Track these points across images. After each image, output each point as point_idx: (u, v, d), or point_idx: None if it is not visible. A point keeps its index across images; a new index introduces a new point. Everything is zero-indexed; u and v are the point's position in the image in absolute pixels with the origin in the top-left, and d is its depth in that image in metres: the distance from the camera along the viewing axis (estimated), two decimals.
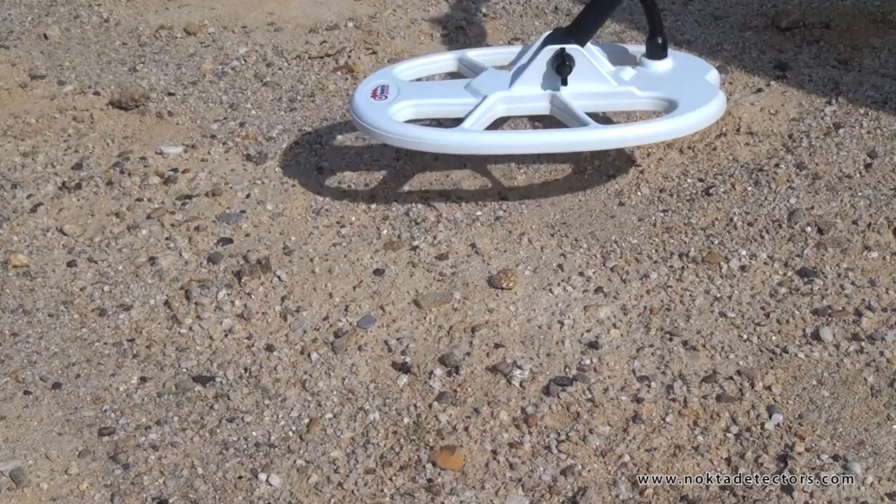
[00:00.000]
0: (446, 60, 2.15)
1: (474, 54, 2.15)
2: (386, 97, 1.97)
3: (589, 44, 1.98)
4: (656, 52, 2.02)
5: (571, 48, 1.93)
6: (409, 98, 1.98)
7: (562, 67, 1.92)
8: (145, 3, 2.94)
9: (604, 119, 2.19)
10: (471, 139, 1.90)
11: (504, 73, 2.01)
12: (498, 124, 2.08)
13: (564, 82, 1.94)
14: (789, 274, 1.83)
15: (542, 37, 1.99)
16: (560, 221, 2.01)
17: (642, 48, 2.06)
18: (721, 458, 1.51)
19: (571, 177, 2.13)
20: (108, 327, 1.81)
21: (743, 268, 1.85)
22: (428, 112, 2.01)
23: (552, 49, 1.94)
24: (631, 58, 2.09)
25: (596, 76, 1.96)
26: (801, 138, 2.19)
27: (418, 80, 2.14)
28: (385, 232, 1.99)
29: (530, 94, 1.98)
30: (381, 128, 1.91)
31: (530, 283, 1.85)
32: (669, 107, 1.93)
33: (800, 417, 1.56)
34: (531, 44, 2.06)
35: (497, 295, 1.83)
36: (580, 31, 1.97)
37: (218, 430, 1.60)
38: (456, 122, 1.97)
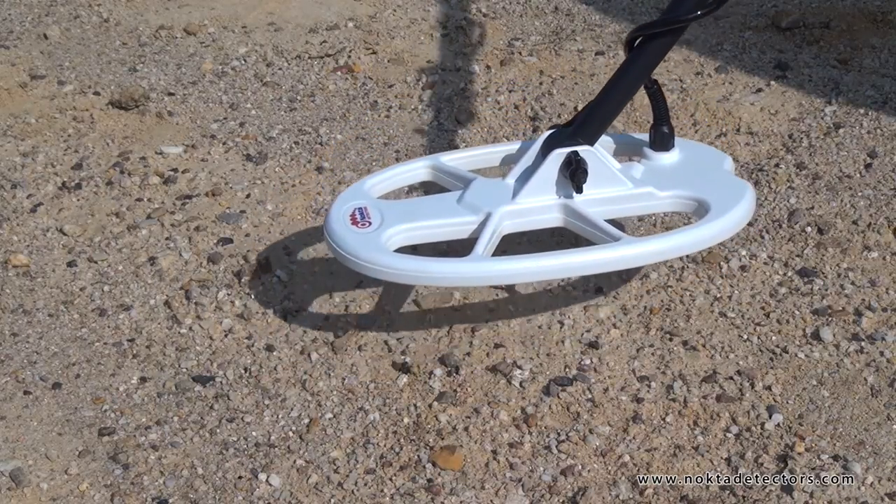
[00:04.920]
0: (419, 169, 1.84)
1: (449, 159, 1.84)
2: (370, 223, 1.67)
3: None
4: (663, 142, 1.78)
5: (584, 150, 1.67)
6: (398, 222, 1.67)
7: (577, 173, 1.65)
8: (145, 3, 2.94)
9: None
10: (487, 268, 1.61)
11: (500, 183, 1.72)
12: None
13: (580, 190, 1.67)
14: (789, 274, 1.83)
15: (539, 138, 1.74)
16: None
17: (642, 137, 1.83)
18: (721, 458, 1.51)
19: None
20: (108, 327, 1.81)
21: (743, 268, 1.85)
22: (423, 237, 1.70)
23: (562, 154, 1.67)
24: (630, 148, 1.86)
25: (611, 179, 1.69)
26: (801, 138, 2.19)
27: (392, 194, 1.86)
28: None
29: (540, 205, 1.69)
30: (374, 262, 1.60)
31: (530, 283, 1.85)
32: (698, 206, 1.69)
33: (800, 417, 1.56)
34: (515, 142, 1.86)
35: (497, 295, 1.83)
36: (589, 128, 1.70)
37: (218, 430, 1.60)
38: (452, 243, 1.76)
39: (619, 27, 2.68)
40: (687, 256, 1.88)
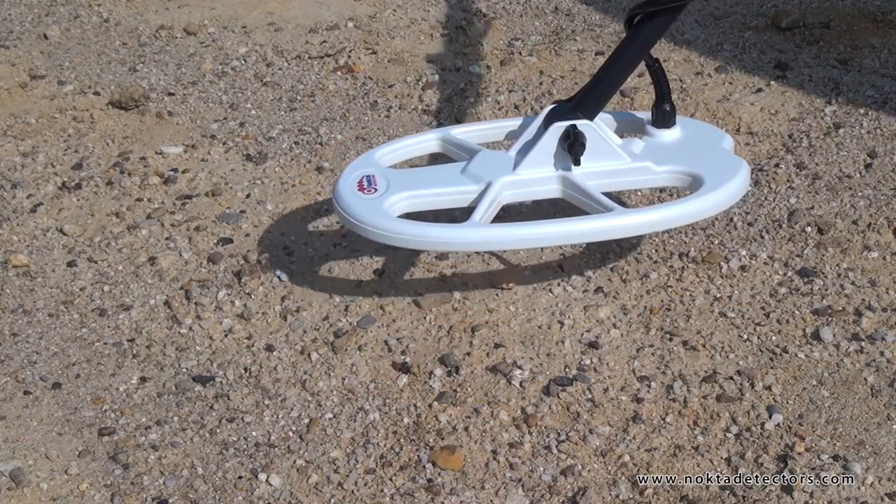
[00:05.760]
0: (429, 141, 1.92)
1: (459, 132, 1.92)
2: (375, 189, 1.74)
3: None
4: (664, 120, 1.83)
5: (583, 124, 1.73)
6: (402, 189, 1.74)
7: (575, 146, 1.71)
8: (145, 3, 2.94)
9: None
10: (485, 234, 1.67)
11: (502, 155, 1.79)
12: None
13: (577, 162, 1.73)
14: (789, 274, 1.83)
15: (542, 112, 1.79)
16: None
17: (644, 115, 1.88)
18: (721, 458, 1.51)
19: None
20: (108, 327, 1.81)
21: (743, 268, 1.85)
22: (426, 204, 1.76)
23: (561, 126, 1.73)
24: (633, 125, 1.91)
25: (609, 153, 1.75)
26: (801, 138, 2.19)
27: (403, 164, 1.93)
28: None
29: (539, 176, 1.75)
30: (379, 227, 1.67)
31: (530, 283, 1.85)
32: (693, 181, 1.75)
33: (800, 417, 1.56)
34: (523, 118, 1.91)
35: (497, 295, 1.83)
36: (589, 103, 1.76)
37: (218, 430, 1.60)
38: (455, 211, 1.80)
39: (619, 27, 2.68)
40: (687, 256, 1.88)
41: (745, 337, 1.71)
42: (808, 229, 1.93)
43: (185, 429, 1.60)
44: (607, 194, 1.73)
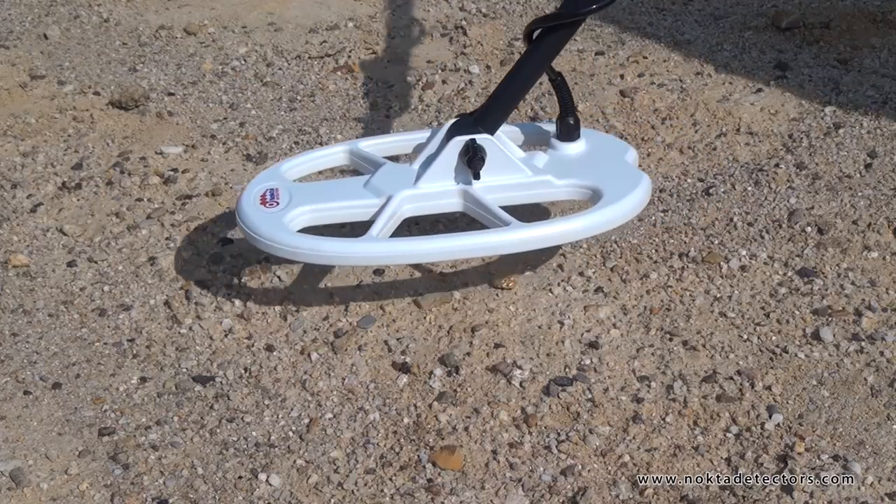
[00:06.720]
0: (336, 154, 1.92)
1: (366, 145, 1.91)
2: (277, 203, 1.74)
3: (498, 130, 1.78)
4: (568, 133, 1.83)
5: (482, 138, 1.73)
6: (303, 203, 1.74)
7: (474, 161, 1.71)
8: (145, 3, 2.94)
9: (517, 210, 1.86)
10: (378, 249, 1.67)
11: (406, 168, 1.79)
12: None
13: (477, 176, 1.73)
14: (789, 274, 1.83)
15: (444, 125, 1.78)
16: None
17: (551, 126, 1.87)
18: (721, 458, 1.51)
19: None
20: (108, 327, 1.81)
21: (743, 268, 1.85)
22: (326, 217, 1.77)
23: (461, 141, 1.72)
24: (541, 138, 1.90)
25: (510, 166, 1.75)
26: (801, 138, 2.19)
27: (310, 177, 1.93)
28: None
29: (439, 190, 1.75)
30: (275, 240, 1.68)
31: (530, 283, 1.85)
32: (593, 195, 1.74)
33: (800, 417, 1.56)
34: (429, 129, 1.90)
35: (497, 295, 1.83)
36: (490, 118, 1.76)
37: (218, 430, 1.60)
38: (359, 224, 1.76)
39: (619, 27, 2.68)
40: (687, 256, 1.88)
41: (745, 337, 1.71)
42: (808, 229, 1.93)
43: (185, 429, 1.60)
44: (509, 208, 1.73)
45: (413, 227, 1.98)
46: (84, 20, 2.85)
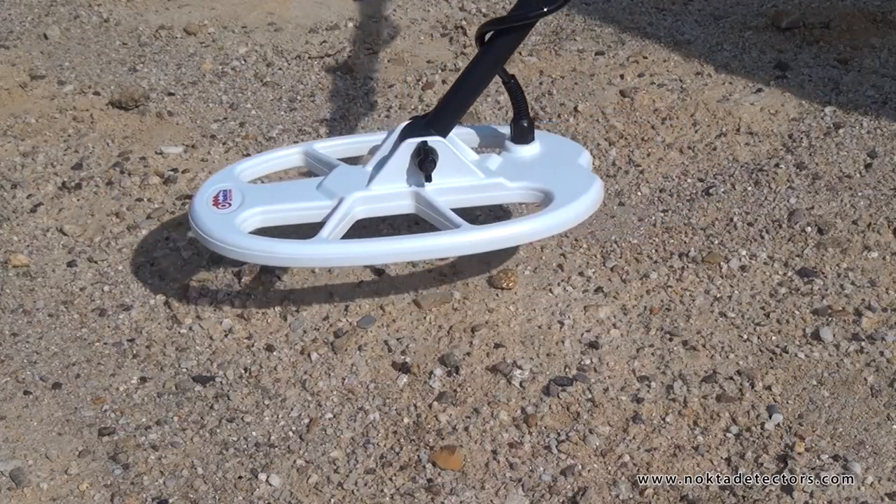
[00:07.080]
0: (291, 155, 1.92)
1: (322, 146, 1.92)
2: (230, 204, 1.74)
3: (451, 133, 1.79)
4: (522, 135, 1.83)
5: (434, 140, 1.73)
6: (255, 204, 1.75)
7: (425, 163, 1.72)
8: (145, 3, 2.94)
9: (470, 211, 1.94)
10: (328, 250, 1.67)
11: (359, 170, 1.78)
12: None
13: (428, 178, 1.73)
14: (789, 274, 1.83)
15: (398, 127, 1.78)
16: None
17: (506, 129, 1.87)
18: (721, 458, 1.51)
19: None
20: (108, 327, 1.81)
21: (743, 268, 1.85)
22: (279, 219, 1.77)
23: (412, 143, 1.73)
24: (496, 140, 1.90)
25: (462, 169, 1.75)
26: (801, 138, 2.19)
27: (263, 179, 1.93)
28: (385, 232, 1.99)
29: (391, 192, 1.75)
30: (225, 241, 1.68)
31: (530, 283, 1.85)
32: (544, 198, 1.75)
33: (800, 417, 1.56)
34: (384, 131, 1.89)
35: (497, 295, 1.83)
36: (442, 120, 1.76)
37: (218, 430, 1.60)
38: (311, 226, 1.76)
39: (619, 27, 2.68)
40: (687, 256, 1.88)
41: (745, 337, 1.71)
42: (808, 229, 1.93)
43: (185, 429, 1.60)
44: (461, 210, 1.73)
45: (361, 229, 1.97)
46: (84, 20, 2.85)
